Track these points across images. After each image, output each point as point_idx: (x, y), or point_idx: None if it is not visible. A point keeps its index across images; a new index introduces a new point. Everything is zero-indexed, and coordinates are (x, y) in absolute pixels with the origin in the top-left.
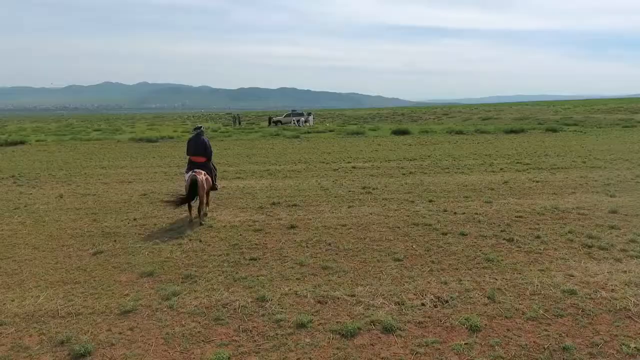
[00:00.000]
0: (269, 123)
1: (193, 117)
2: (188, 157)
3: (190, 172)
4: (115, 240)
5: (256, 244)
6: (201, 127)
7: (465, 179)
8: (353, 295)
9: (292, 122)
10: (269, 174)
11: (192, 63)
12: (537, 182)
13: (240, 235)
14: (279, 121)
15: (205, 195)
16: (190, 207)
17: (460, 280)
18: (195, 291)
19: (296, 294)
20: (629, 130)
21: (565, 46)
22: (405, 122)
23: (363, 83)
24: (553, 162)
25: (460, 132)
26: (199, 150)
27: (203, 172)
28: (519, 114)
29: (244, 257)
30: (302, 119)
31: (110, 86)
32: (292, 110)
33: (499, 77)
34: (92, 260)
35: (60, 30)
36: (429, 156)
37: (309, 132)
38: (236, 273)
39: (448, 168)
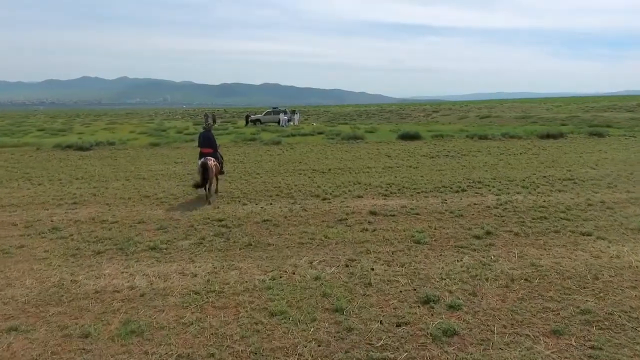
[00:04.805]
0: (247, 122)
1: (170, 113)
2: (199, 148)
3: (202, 159)
4: None
5: None
6: (210, 123)
7: (623, 260)
8: None
9: (280, 121)
10: (217, 234)
11: (174, 58)
12: None
13: None
14: (258, 120)
15: (215, 178)
16: (206, 189)
17: None
18: None
19: None
20: None
21: (547, 45)
22: (394, 119)
23: (346, 79)
24: None
25: (484, 137)
26: (206, 143)
27: (212, 159)
28: (515, 112)
29: None
30: (286, 117)
31: (89, 81)
32: (274, 108)
33: (481, 75)
34: None
35: (36, 23)
36: (479, 182)
37: (292, 135)
38: None
39: (545, 216)
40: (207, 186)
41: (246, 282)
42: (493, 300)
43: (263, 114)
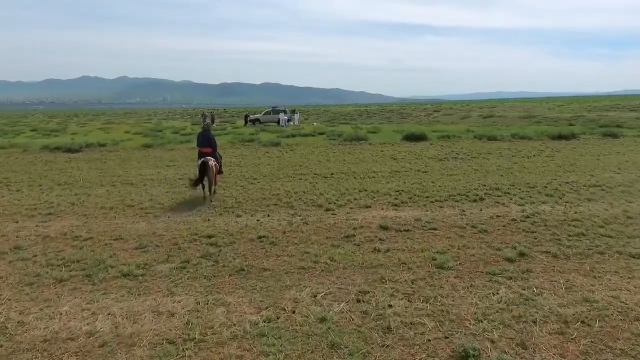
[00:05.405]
0: (246, 122)
1: (169, 112)
2: (198, 148)
3: (202, 158)
4: None
5: None
6: (208, 123)
7: None
8: None
9: (280, 121)
10: (205, 256)
11: (174, 58)
12: None
13: None
14: (258, 120)
15: (214, 177)
16: (203, 187)
17: None
18: None
19: None
20: None
21: (547, 45)
22: (396, 119)
23: (346, 79)
24: None
25: (493, 138)
26: (206, 143)
27: (212, 159)
28: (518, 112)
29: None
30: (286, 117)
31: (89, 80)
32: (273, 107)
33: (481, 75)
34: None
35: (36, 23)
36: (497, 189)
37: (293, 136)
38: None
39: (582, 233)
40: (208, 186)
41: (235, 325)
42: (549, 356)
43: (263, 113)
